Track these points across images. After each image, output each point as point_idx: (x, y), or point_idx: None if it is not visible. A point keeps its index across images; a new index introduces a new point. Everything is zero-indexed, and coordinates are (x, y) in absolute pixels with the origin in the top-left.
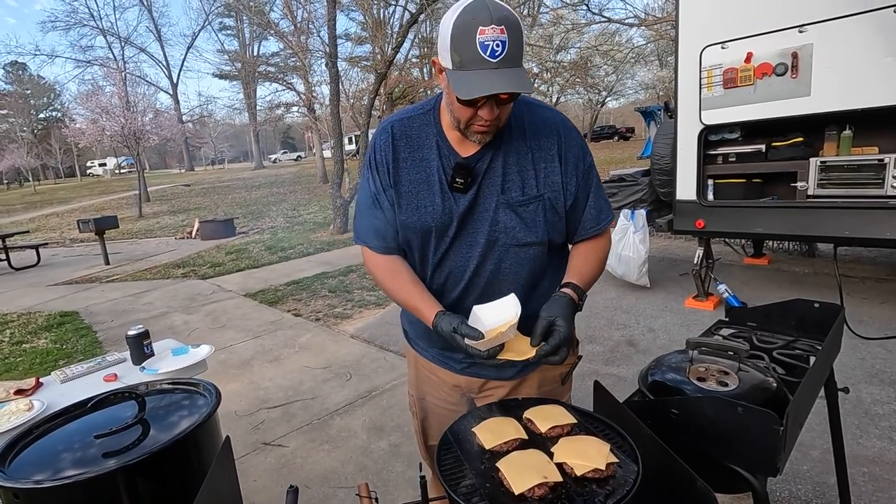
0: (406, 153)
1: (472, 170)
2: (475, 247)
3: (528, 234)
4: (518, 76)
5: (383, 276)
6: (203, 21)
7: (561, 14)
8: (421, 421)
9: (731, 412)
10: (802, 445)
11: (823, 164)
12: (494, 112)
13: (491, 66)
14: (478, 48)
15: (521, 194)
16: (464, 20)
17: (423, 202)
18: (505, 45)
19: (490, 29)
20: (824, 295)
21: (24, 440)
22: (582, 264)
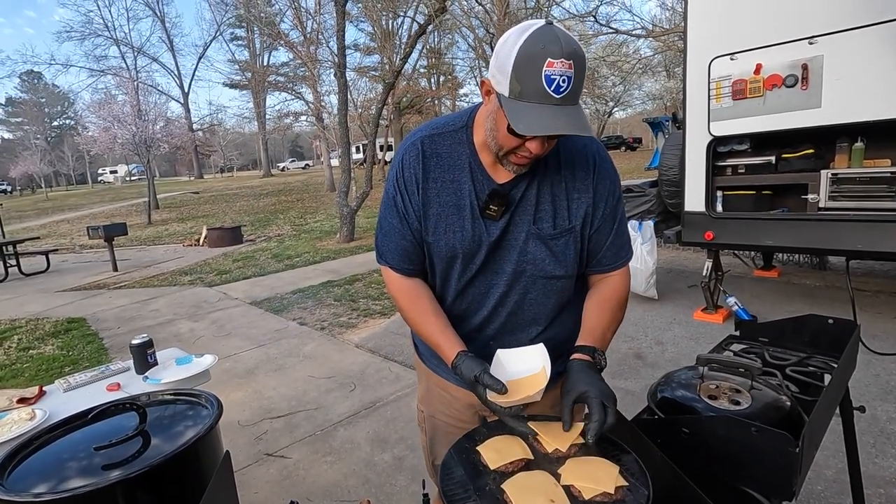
0: (437, 173)
1: (507, 197)
2: (501, 275)
3: (558, 267)
4: (579, 116)
5: (405, 302)
6: (215, 32)
7: (569, 25)
8: (430, 439)
9: (745, 433)
10: (816, 465)
11: (835, 176)
12: (544, 147)
13: (553, 101)
14: (543, 81)
15: (552, 226)
16: (532, 48)
17: (453, 227)
18: (570, 80)
19: (559, 63)
20: (836, 309)
21: (24, 451)
22: (594, 319)
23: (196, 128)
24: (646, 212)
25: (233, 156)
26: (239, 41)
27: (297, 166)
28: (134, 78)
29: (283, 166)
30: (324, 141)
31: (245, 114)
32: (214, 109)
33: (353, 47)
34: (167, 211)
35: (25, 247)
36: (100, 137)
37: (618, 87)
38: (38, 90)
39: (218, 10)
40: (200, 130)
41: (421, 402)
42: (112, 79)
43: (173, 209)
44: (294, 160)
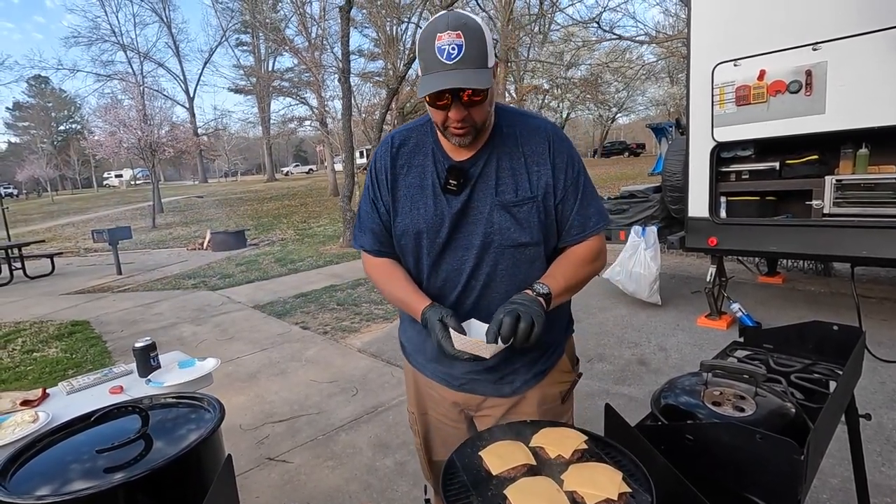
0: (404, 160)
1: (465, 172)
2: (471, 249)
3: (523, 234)
4: (474, 75)
5: (378, 275)
6: (220, 37)
7: (572, 31)
8: (423, 437)
9: (750, 440)
10: (822, 473)
11: (839, 182)
12: (462, 112)
13: (447, 67)
14: (436, 52)
15: (514, 196)
16: (426, 30)
17: (417, 205)
18: (461, 48)
19: (446, 35)
20: (841, 315)
21: (26, 453)
22: (553, 267)
23: (201, 132)
24: (649, 217)
25: (237, 160)
26: (244, 47)
27: (301, 171)
28: (140, 83)
29: (287, 171)
30: (327, 146)
31: (249, 118)
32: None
33: (357, 53)
34: (171, 215)
35: (31, 250)
36: (105, 142)
37: (621, 92)
38: (46, 95)
39: (224, 15)
40: (205, 135)
41: (410, 403)
42: (118, 84)
43: (177, 213)
44: (298, 165)
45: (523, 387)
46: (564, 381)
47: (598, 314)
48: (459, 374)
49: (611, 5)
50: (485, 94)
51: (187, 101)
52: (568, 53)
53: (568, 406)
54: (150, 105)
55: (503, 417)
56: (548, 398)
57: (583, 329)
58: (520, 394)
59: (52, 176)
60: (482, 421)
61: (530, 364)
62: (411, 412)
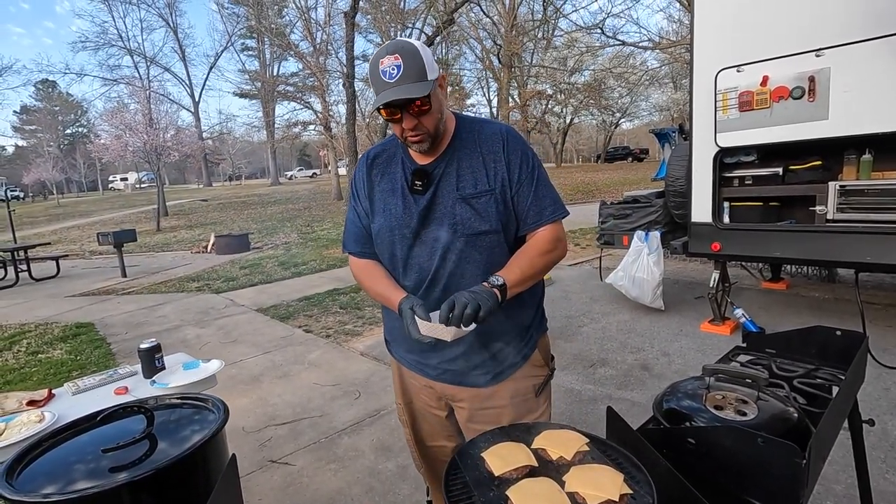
0: (378, 169)
1: (428, 174)
2: (438, 241)
3: (482, 223)
4: (411, 87)
5: (361, 274)
6: (226, 42)
7: (575, 37)
8: (411, 427)
9: (751, 443)
10: (826, 479)
11: (843, 188)
12: (413, 121)
13: (390, 85)
14: (380, 74)
15: (474, 189)
16: (373, 60)
17: (389, 206)
18: (400, 68)
19: (387, 58)
20: (845, 322)
21: (32, 453)
22: (512, 260)
23: (206, 136)
24: (652, 222)
25: (241, 164)
26: (250, 52)
27: (305, 175)
28: (146, 87)
29: (291, 175)
30: (331, 150)
31: (254, 123)
32: (224, 118)
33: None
34: (176, 218)
35: (36, 252)
36: (111, 145)
37: (624, 98)
38: (53, 99)
39: (230, 21)
40: (210, 139)
41: (397, 394)
42: (125, 88)
43: (182, 216)
44: (302, 169)
45: (496, 379)
46: (537, 374)
47: (601, 319)
48: (435, 364)
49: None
50: (430, 103)
51: (193, 106)
52: (571, 59)
53: (543, 399)
54: (155, 109)
55: (479, 408)
56: (521, 391)
57: (585, 334)
58: (493, 385)
59: (58, 179)
60: (459, 411)
61: (501, 357)
62: (398, 403)
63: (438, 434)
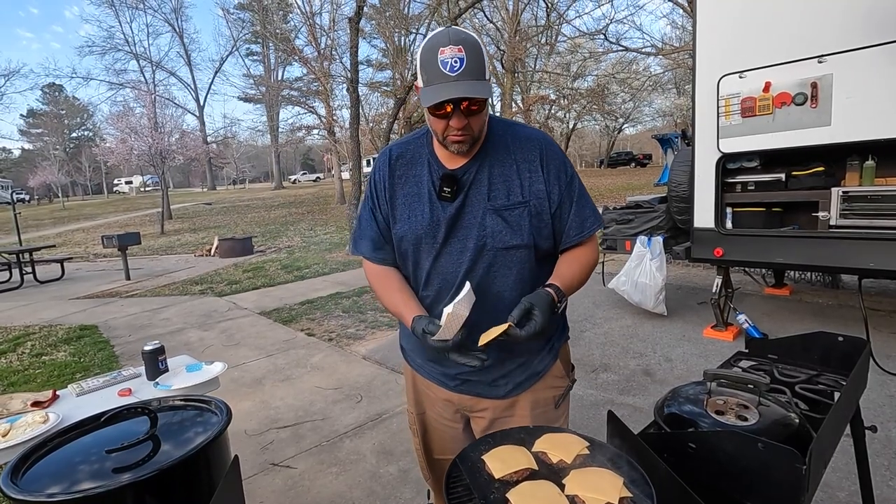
0: (401, 171)
1: (458, 179)
2: (465, 252)
3: (514, 237)
4: (475, 86)
5: (376, 282)
6: (231, 47)
7: (579, 43)
8: (422, 437)
9: (751, 448)
10: (828, 486)
11: (846, 194)
12: (463, 121)
13: (450, 79)
14: (439, 65)
15: (506, 200)
16: (429, 44)
17: (415, 212)
18: (463, 61)
19: (448, 49)
20: (849, 328)
21: (37, 453)
22: (565, 269)
23: (210, 140)
24: (655, 228)
25: (245, 168)
26: (254, 56)
27: (309, 179)
28: (151, 91)
29: (295, 179)
30: (335, 154)
31: (258, 127)
32: (229, 122)
33: (365, 63)
34: (180, 221)
35: (41, 255)
36: (117, 149)
37: (627, 103)
38: (59, 102)
39: (235, 26)
40: (214, 143)
41: (409, 403)
42: (130, 92)
43: (186, 220)
44: (305, 173)
45: (516, 389)
46: (558, 385)
47: (604, 324)
48: (454, 375)
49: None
50: (483, 104)
51: (197, 110)
52: (575, 64)
53: (562, 411)
54: (160, 113)
55: (497, 419)
56: (541, 402)
57: (588, 339)
58: (513, 396)
59: (64, 182)
60: (477, 422)
61: (524, 367)
62: (410, 412)
63: (449, 447)
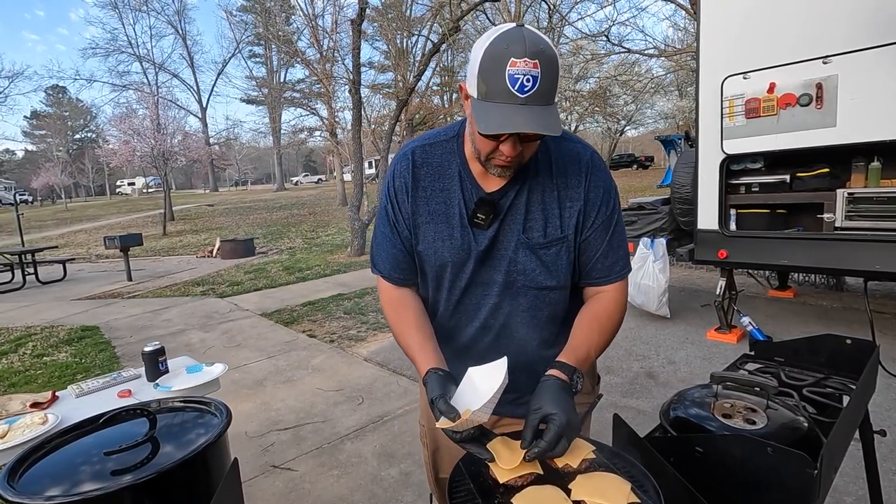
0: (427, 182)
1: (495, 205)
2: (492, 286)
3: (549, 278)
4: (546, 116)
5: (391, 312)
6: (234, 49)
7: (581, 45)
8: (432, 452)
9: (761, 453)
10: (836, 491)
11: (851, 195)
12: (517, 149)
13: (518, 101)
14: (506, 80)
15: (542, 235)
16: (496, 49)
17: (441, 235)
18: (536, 80)
19: (522, 62)
20: (854, 331)
21: (35, 454)
22: (581, 337)
23: (213, 142)
24: (658, 229)
25: (247, 169)
26: (257, 58)
27: (311, 181)
28: (154, 93)
29: (297, 180)
30: (337, 156)
31: (261, 129)
32: (231, 124)
33: (367, 65)
34: (182, 223)
35: (43, 255)
36: (120, 150)
37: (630, 105)
38: (63, 104)
39: (238, 28)
40: (217, 144)
41: (422, 416)
42: (133, 93)
43: (188, 221)
44: (307, 174)
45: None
46: (583, 402)
47: None
48: None
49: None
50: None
51: (200, 112)
52: (577, 66)
53: (585, 426)
54: (163, 115)
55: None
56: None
57: None
58: None
59: (67, 183)
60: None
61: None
62: (422, 425)
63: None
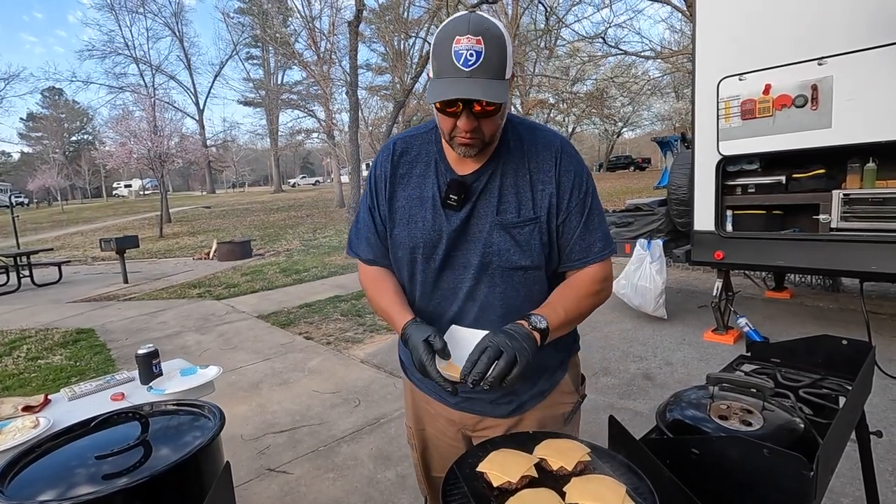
0: (404, 169)
1: (467, 187)
2: (468, 268)
3: (523, 257)
4: (490, 86)
5: (369, 285)
6: (231, 51)
7: (578, 46)
8: (421, 453)
9: (757, 454)
10: (833, 492)
11: (847, 196)
12: (472, 123)
13: (463, 74)
14: (452, 56)
15: (516, 216)
16: (444, 30)
17: (415, 218)
18: (480, 55)
19: (466, 38)
20: (850, 331)
21: (25, 459)
22: (554, 297)
23: (210, 144)
24: (655, 231)
25: (245, 171)
26: (254, 60)
27: (308, 182)
28: (151, 95)
29: (294, 182)
30: (334, 158)
31: (258, 130)
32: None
33: (365, 67)
34: (179, 225)
35: (39, 258)
36: (116, 152)
37: (626, 107)
38: (59, 106)
39: (235, 30)
40: (214, 146)
41: (408, 418)
42: (130, 95)
43: (185, 223)
44: (305, 176)
45: (521, 408)
46: (567, 402)
47: (603, 328)
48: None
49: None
50: (498, 106)
51: (197, 113)
52: (574, 68)
53: (572, 428)
54: (160, 117)
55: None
56: (548, 420)
57: (588, 343)
58: (518, 415)
59: (63, 185)
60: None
61: (530, 384)
62: (409, 427)
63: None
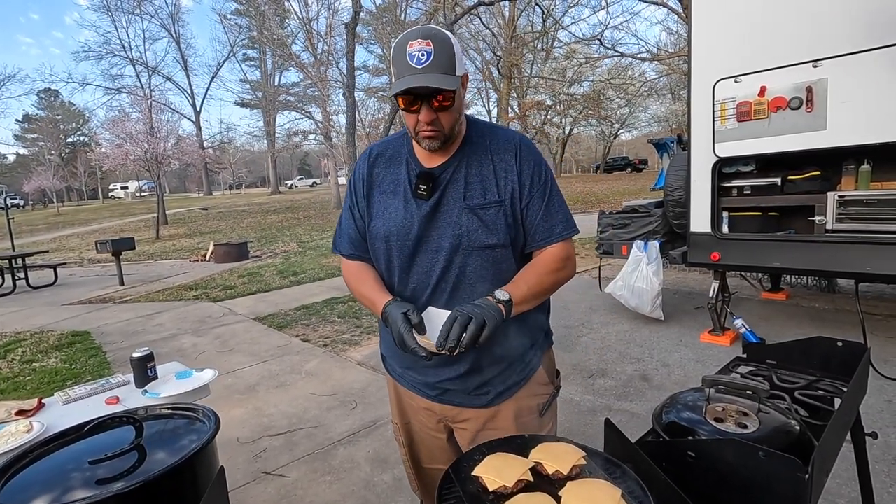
0: (380, 168)
1: (435, 178)
2: (440, 251)
3: (490, 236)
4: (439, 78)
5: (350, 275)
6: (228, 52)
7: (574, 48)
8: (408, 447)
9: (753, 457)
10: (829, 493)
11: (842, 198)
12: (431, 115)
13: (416, 72)
14: (407, 58)
15: (482, 199)
16: (399, 41)
17: (389, 209)
18: (430, 55)
19: (417, 42)
20: (846, 332)
21: (18, 464)
22: (519, 275)
23: (206, 145)
24: (651, 232)
25: (242, 173)
26: (251, 62)
27: (305, 184)
28: (148, 96)
29: (291, 184)
30: (332, 159)
31: (255, 132)
32: (225, 128)
33: (362, 68)
34: (175, 226)
35: (34, 260)
36: (112, 154)
37: (623, 109)
38: (55, 107)
39: (232, 31)
40: (211, 148)
41: (393, 413)
42: (126, 97)
43: (181, 225)
44: (302, 178)
45: (498, 399)
46: (542, 393)
47: (600, 329)
48: (434, 384)
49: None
50: (452, 99)
51: (194, 115)
52: (570, 70)
53: (548, 419)
54: (157, 118)
55: (481, 429)
56: (524, 410)
57: (584, 344)
58: (495, 405)
59: (59, 187)
60: (461, 434)
61: (504, 376)
62: (395, 422)
63: (437, 457)
